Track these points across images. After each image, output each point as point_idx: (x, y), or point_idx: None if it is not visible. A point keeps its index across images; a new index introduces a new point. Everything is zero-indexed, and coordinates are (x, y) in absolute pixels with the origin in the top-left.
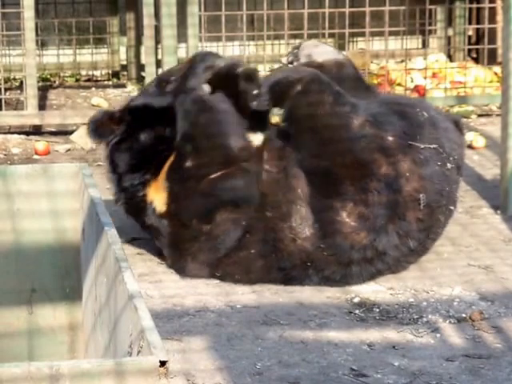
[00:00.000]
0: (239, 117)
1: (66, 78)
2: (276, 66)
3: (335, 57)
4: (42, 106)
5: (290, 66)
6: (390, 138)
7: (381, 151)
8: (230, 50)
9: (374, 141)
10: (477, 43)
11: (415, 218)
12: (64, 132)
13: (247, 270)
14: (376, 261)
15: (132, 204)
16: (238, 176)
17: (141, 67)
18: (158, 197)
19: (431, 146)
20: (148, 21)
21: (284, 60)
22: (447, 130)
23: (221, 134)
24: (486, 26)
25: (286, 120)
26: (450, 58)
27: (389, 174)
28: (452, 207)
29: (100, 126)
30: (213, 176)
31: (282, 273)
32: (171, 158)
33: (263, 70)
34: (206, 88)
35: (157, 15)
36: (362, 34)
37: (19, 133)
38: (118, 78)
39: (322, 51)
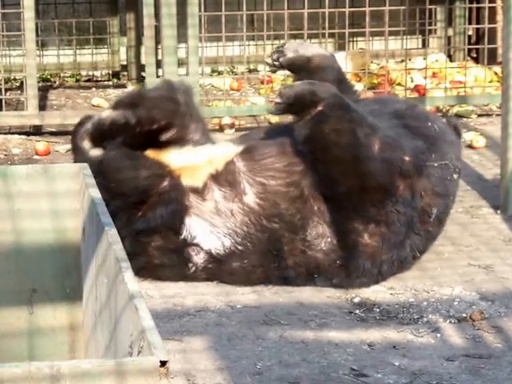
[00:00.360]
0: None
1: (66, 79)
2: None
3: (322, 52)
4: (42, 107)
5: (275, 63)
6: (407, 159)
7: (399, 173)
8: (229, 50)
9: (393, 163)
10: (477, 43)
11: (425, 230)
12: (64, 132)
13: (244, 279)
14: (385, 270)
15: None
16: (163, 207)
17: (141, 67)
18: None
19: (443, 163)
20: (148, 21)
21: (269, 60)
22: (452, 142)
23: (122, 176)
24: (486, 25)
25: (304, 140)
26: (450, 57)
27: (406, 194)
28: (452, 209)
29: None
30: (138, 215)
31: (283, 281)
32: None
33: (263, 70)
34: (87, 146)
35: (157, 15)
36: (362, 34)
37: (19, 133)
38: (119, 79)
39: (309, 47)
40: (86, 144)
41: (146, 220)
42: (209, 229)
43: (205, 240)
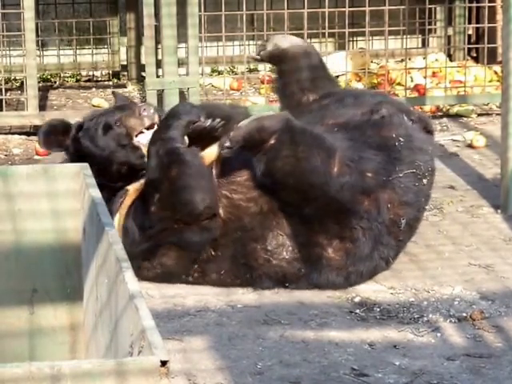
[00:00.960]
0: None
1: (66, 79)
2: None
3: (302, 45)
4: (42, 107)
5: (257, 57)
6: (369, 175)
7: (362, 191)
8: (229, 50)
9: (355, 184)
10: (477, 42)
11: (395, 239)
12: None
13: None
14: (354, 280)
15: None
16: (197, 234)
17: (141, 67)
18: None
19: (409, 171)
20: (148, 21)
21: (252, 54)
22: (421, 145)
23: (188, 188)
24: (486, 25)
25: (262, 174)
26: (450, 57)
27: (371, 209)
28: (426, 206)
29: (47, 139)
30: (172, 229)
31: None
32: (132, 197)
33: (263, 70)
34: (186, 141)
35: (157, 15)
36: (362, 34)
37: (20, 133)
38: (119, 79)
39: (288, 40)
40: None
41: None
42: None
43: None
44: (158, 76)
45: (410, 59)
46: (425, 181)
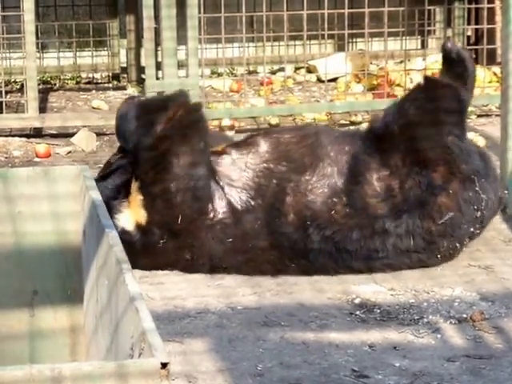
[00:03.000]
0: None
1: (66, 81)
2: (275, 67)
3: None
4: (42, 109)
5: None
6: None
7: None
8: (229, 52)
9: None
10: (476, 44)
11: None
12: (65, 134)
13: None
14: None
15: None
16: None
17: (141, 69)
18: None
19: None
20: (148, 23)
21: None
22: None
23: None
24: (485, 26)
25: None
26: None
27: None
28: None
29: None
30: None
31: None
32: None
33: (263, 72)
34: None
35: (156, 17)
36: (362, 35)
37: (20, 135)
38: (119, 81)
39: None
40: None
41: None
42: (226, 181)
43: (225, 193)
44: (157, 78)
45: (409, 60)
46: None
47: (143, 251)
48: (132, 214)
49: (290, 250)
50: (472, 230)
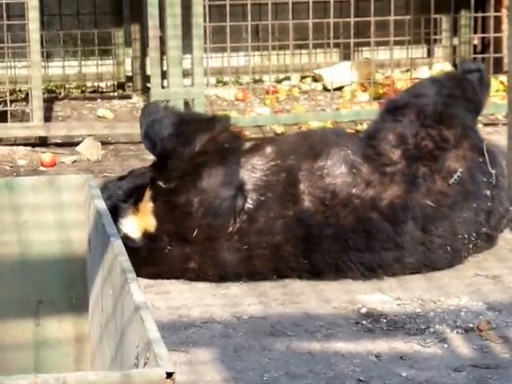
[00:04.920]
0: None
1: (71, 90)
2: (281, 76)
3: None
4: (47, 118)
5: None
6: None
7: None
8: (235, 61)
9: None
10: (482, 52)
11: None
12: (70, 143)
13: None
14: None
15: None
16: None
17: (146, 78)
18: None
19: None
20: (153, 32)
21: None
22: None
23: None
24: (492, 34)
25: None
26: (456, 67)
27: None
28: None
29: None
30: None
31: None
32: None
33: (268, 81)
34: None
35: (162, 26)
36: (367, 44)
37: (25, 144)
38: (124, 90)
39: None
40: None
41: None
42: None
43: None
44: (163, 87)
45: (415, 69)
46: None
47: (147, 257)
48: (139, 221)
49: (303, 241)
50: (483, 207)
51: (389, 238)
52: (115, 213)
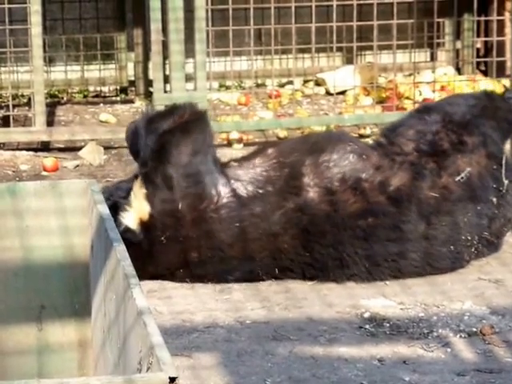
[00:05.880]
0: None
1: (73, 95)
2: (284, 80)
3: None
4: (50, 123)
5: None
6: None
7: None
8: (237, 65)
9: None
10: (485, 56)
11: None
12: (72, 148)
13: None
14: None
15: None
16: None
17: (149, 83)
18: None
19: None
20: (155, 36)
21: None
22: None
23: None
24: (495, 38)
25: None
26: (459, 70)
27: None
28: None
29: None
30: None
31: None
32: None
33: (271, 85)
34: None
35: (164, 31)
36: (370, 48)
37: (27, 149)
38: (126, 94)
39: None
40: None
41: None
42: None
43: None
44: (165, 91)
45: (418, 73)
46: None
47: (147, 250)
48: (136, 211)
49: (305, 233)
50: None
51: (394, 226)
52: (115, 209)
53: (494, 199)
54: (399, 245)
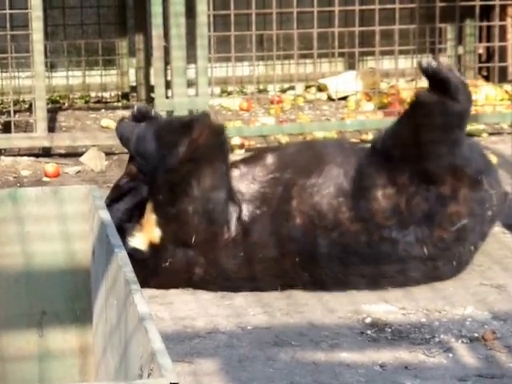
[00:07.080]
0: None
1: (75, 100)
2: (286, 86)
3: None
4: (51, 128)
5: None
6: None
7: None
8: (239, 71)
9: None
10: (487, 61)
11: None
12: (74, 154)
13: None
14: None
15: None
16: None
17: (150, 88)
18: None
19: None
20: (157, 42)
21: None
22: None
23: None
24: (497, 43)
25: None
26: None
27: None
28: None
29: None
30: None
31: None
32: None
33: (273, 90)
34: None
35: (166, 36)
36: (372, 53)
37: (29, 155)
38: (128, 100)
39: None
40: None
41: None
42: (240, 197)
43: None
44: (167, 97)
45: (420, 78)
46: None
47: (155, 269)
48: (145, 235)
49: (299, 256)
50: (485, 229)
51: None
52: (122, 234)
53: (490, 213)
54: (398, 265)
